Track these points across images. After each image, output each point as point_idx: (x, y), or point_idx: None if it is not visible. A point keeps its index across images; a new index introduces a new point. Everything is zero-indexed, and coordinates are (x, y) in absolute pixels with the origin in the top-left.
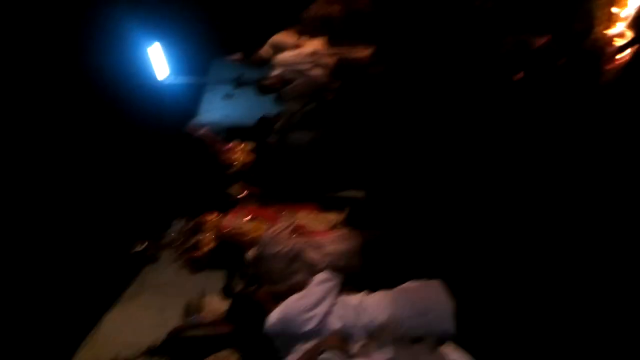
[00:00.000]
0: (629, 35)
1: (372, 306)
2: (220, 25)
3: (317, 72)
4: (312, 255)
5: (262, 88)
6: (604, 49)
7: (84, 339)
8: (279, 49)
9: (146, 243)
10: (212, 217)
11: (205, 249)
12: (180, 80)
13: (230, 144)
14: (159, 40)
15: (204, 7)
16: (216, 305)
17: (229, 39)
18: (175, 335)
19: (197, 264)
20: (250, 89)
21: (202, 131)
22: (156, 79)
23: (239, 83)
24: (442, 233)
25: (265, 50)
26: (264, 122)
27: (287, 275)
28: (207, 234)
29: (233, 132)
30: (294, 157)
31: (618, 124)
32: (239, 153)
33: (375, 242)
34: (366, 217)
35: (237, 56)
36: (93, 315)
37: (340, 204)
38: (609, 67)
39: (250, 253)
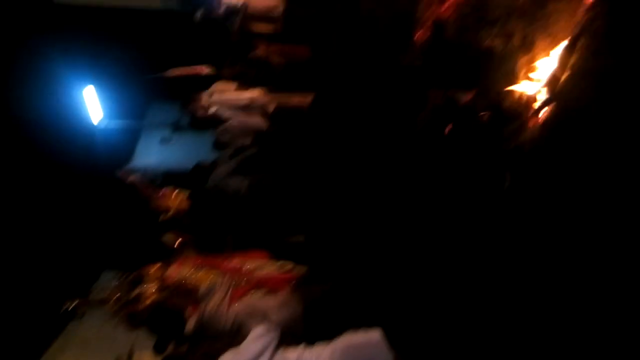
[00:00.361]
0: (545, 94)
1: None
2: (158, 68)
3: (254, 116)
4: (255, 326)
5: (196, 122)
6: (523, 107)
7: None
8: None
9: (76, 300)
10: (154, 268)
11: (148, 301)
12: (116, 123)
13: (164, 191)
14: (94, 82)
15: (142, 50)
16: None
17: (167, 82)
18: None
19: (136, 319)
20: (187, 133)
21: (133, 177)
22: (90, 122)
23: (176, 127)
24: (382, 281)
25: (204, 97)
26: (200, 169)
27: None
28: (150, 286)
29: (169, 178)
30: (233, 204)
31: (540, 180)
32: (173, 200)
33: (319, 301)
34: (311, 266)
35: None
36: (39, 343)
37: (287, 250)
38: (528, 124)
39: (190, 325)
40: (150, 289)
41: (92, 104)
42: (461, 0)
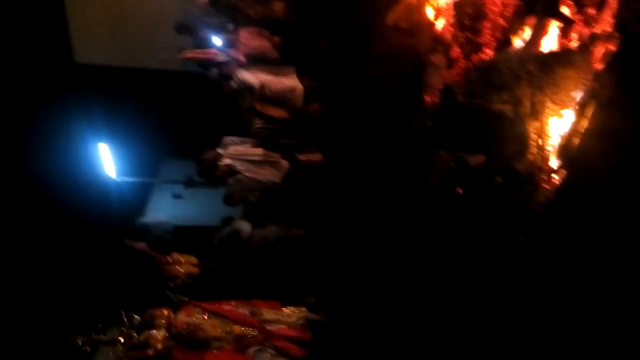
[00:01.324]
0: (557, 159)
1: None
2: (172, 124)
3: (266, 169)
4: None
5: (209, 174)
6: (536, 171)
7: None
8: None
9: (85, 338)
10: (163, 312)
11: (158, 345)
12: (129, 179)
13: (172, 257)
14: (108, 139)
15: (156, 107)
16: None
17: (180, 138)
18: None
19: None
20: (199, 190)
21: (140, 246)
22: (104, 178)
23: (188, 183)
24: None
25: (219, 150)
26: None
27: None
28: (158, 332)
29: (180, 234)
30: (261, 254)
31: (555, 242)
32: (182, 266)
33: None
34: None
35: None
36: None
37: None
38: (542, 188)
39: None
40: (158, 335)
41: (107, 160)
42: (470, 65)
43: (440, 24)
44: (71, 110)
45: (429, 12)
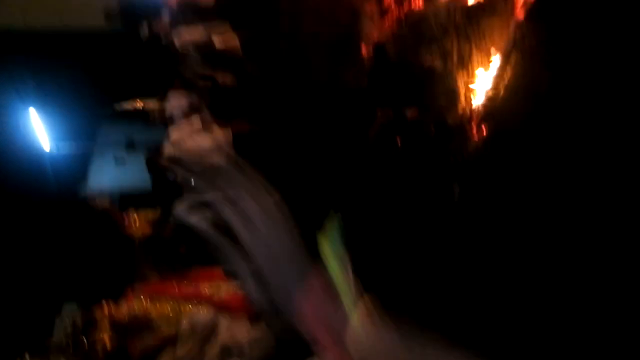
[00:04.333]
0: (484, 109)
1: None
2: (105, 86)
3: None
4: None
5: (154, 167)
6: (466, 122)
7: None
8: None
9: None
10: (105, 309)
11: (108, 344)
12: (65, 146)
13: (126, 215)
14: (38, 107)
15: (88, 71)
16: None
17: (116, 99)
18: None
19: None
20: (142, 153)
21: (103, 202)
22: (37, 149)
23: (130, 146)
24: None
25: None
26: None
27: None
28: (102, 331)
29: (126, 200)
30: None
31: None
32: (137, 224)
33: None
34: None
35: None
36: None
37: None
38: (471, 139)
39: None
40: (103, 334)
41: (39, 130)
42: (400, 18)
43: None
44: None
45: None
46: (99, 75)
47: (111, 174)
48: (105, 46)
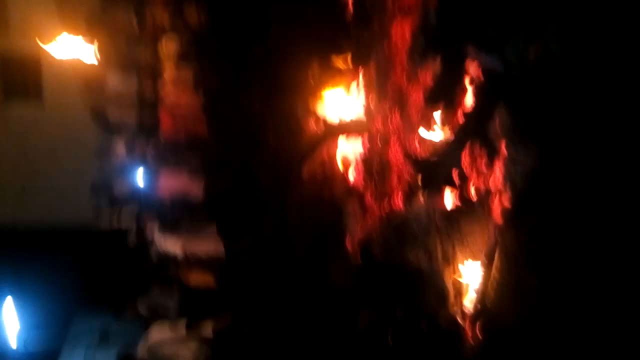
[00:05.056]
0: (476, 308)
1: None
2: (85, 273)
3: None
4: None
5: None
6: (456, 324)
7: None
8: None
9: None
10: None
11: None
12: (37, 335)
13: None
14: (12, 292)
15: (70, 253)
16: None
17: (94, 287)
18: None
19: None
20: (114, 345)
21: None
22: (8, 338)
23: (102, 339)
24: None
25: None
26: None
27: None
28: None
29: None
30: None
31: None
32: None
33: None
34: None
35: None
36: None
37: None
38: (466, 338)
39: None
40: None
41: (11, 317)
42: (381, 216)
43: (351, 176)
44: None
45: (341, 165)
46: (79, 269)
47: None
48: (90, 242)
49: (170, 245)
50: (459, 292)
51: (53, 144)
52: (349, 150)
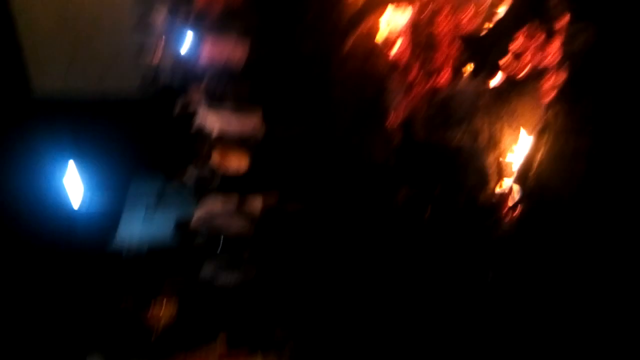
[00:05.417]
0: (517, 190)
1: None
2: (142, 138)
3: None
4: None
5: (183, 230)
6: (497, 202)
7: None
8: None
9: None
10: None
11: None
12: (98, 197)
13: (153, 303)
14: (73, 156)
15: (124, 121)
16: None
17: (151, 153)
18: None
19: None
20: (172, 206)
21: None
22: (71, 202)
23: (160, 199)
24: None
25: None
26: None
27: None
28: None
29: (154, 252)
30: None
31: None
32: (164, 310)
33: None
34: None
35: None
36: None
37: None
38: (504, 219)
39: None
40: None
41: (73, 179)
42: (426, 94)
43: (397, 51)
44: (35, 139)
45: (384, 39)
46: (133, 136)
47: (140, 230)
48: (140, 110)
49: (210, 120)
50: (502, 172)
51: (95, 12)
52: (395, 23)
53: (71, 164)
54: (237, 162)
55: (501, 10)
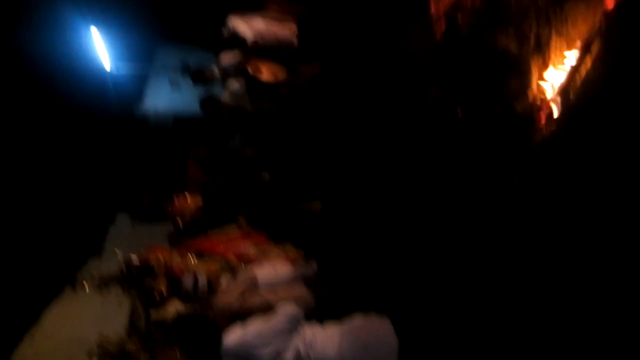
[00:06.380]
0: (558, 103)
1: (322, 342)
2: (167, 6)
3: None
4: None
5: (198, 77)
6: (535, 111)
7: (24, 335)
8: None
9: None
10: (158, 254)
11: (164, 291)
12: (124, 66)
13: (177, 197)
14: (99, 25)
15: None
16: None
17: (176, 21)
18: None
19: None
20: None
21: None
22: (99, 65)
23: (186, 70)
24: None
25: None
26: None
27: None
28: (159, 280)
29: (179, 123)
30: (247, 168)
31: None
32: (189, 203)
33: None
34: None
35: None
36: (33, 310)
37: (288, 231)
38: (540, 129)
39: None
40: (160, 283)
41: (100, 49)
42: None
43: None
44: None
45: None
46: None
47: (166, 97)
48: None
49: (242, 27)
50: (544, 80)
51: None
52: None
53: (94, 30)
54: (269, 76)
55: None
